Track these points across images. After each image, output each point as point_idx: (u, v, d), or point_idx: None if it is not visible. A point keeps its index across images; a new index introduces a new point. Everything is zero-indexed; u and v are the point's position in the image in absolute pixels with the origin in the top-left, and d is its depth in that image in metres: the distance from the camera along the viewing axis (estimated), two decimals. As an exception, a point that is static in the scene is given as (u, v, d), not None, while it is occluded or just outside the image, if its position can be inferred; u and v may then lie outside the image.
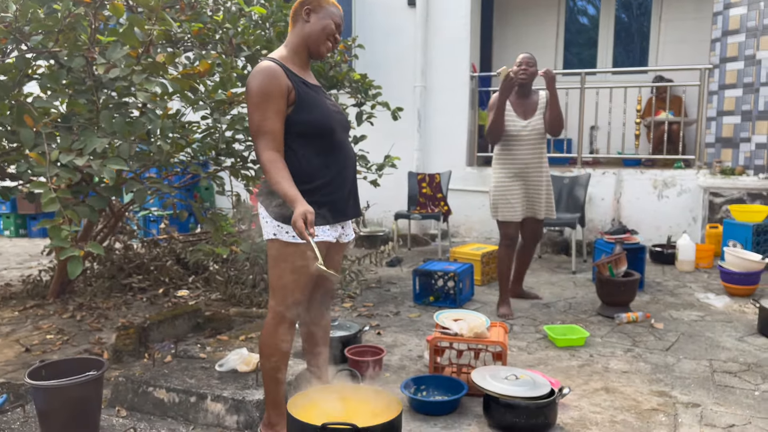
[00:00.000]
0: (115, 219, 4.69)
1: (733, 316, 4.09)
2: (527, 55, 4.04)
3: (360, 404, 1.98)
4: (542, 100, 4.06)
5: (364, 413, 1.93)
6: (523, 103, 4.06)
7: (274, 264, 2.26)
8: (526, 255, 4.39)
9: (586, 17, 8.49)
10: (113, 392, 2.74)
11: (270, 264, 2.29)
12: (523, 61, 4.00)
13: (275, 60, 2.20)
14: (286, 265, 2.23)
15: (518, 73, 3.96)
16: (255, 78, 2.15)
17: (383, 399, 2.00)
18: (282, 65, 2.19)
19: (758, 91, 5.87)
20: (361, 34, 7.12)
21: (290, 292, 2.24)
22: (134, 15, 2.56)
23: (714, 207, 5.89)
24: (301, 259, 2.21)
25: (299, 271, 2.23)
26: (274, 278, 2.27)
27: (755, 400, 2.83)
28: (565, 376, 3.12)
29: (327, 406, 1.90)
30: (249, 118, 2.18)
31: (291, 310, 2.26)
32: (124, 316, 4.08)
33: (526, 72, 3.97)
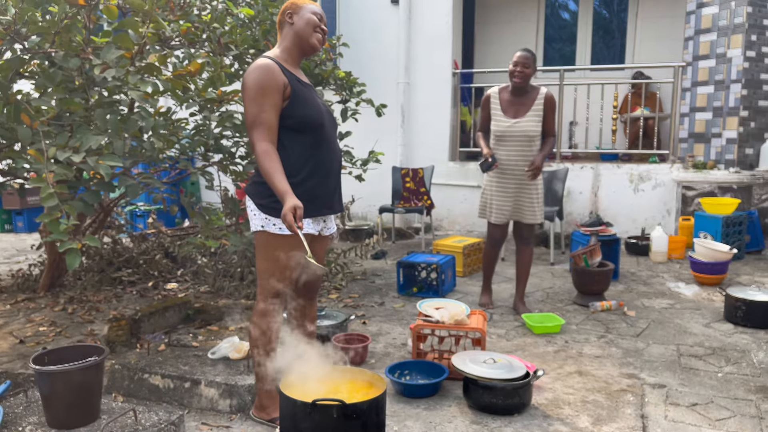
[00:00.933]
0: (104, 214, 4.78)
1: (702, 303, 4.30)
2: (524, 53, 3.83)
3: (347, 383, 2.12)
4: (539, 100, 3.88)
5: (351, 391, 2.07)
6: (516, 101, 3.90)
7: (262, 255, 2.40)
8: (520, 259, 4.15)
9: (565, 14, 8.67)
10: (110, 380, 2.86)
11: (257, 255, 2.42)
12: (519, 61, 3.81)
13: (271, 58, 2.35)
14: (272, 256, 2.37)
15: (513, 73, 3.84)
16: (252, 73, 2.28)
17: (368, 378, 2.15)
18: (278, 62, 2.33)
19: (729, 88, 6.09)
20: (345, 31, 7.24)
21: (277, 282, 2.38)
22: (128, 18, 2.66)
23: (687, 200, 6.11)
24: (287, 250, 2.35)
25: (285, 262, 2.37)
26: (261, 268, 2.41)
27: (718, 381, 3.02)
28: (542, 360, 3.29)
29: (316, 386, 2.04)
30: (245, 111, 2.30)
31: (277, 298, 2.40)
32: (115, 309, 4.17)
33: (522, 74, 3.83)
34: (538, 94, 3.92)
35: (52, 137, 2.72)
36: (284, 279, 2.39)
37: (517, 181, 3.95)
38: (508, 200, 3.98)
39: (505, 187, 3.97)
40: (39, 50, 2.88)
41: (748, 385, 2.96)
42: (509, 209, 4.01)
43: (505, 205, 3.99)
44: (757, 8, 5.97)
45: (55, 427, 2.16)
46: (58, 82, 2.98)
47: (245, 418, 2.61)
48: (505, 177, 3.96)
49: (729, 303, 3.89)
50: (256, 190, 2.39)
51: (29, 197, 7.57)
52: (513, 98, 3.93)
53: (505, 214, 4.01)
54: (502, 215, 4.01)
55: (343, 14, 7.36)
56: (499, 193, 3.99)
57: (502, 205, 3.99)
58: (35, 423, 2.21)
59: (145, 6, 2.60)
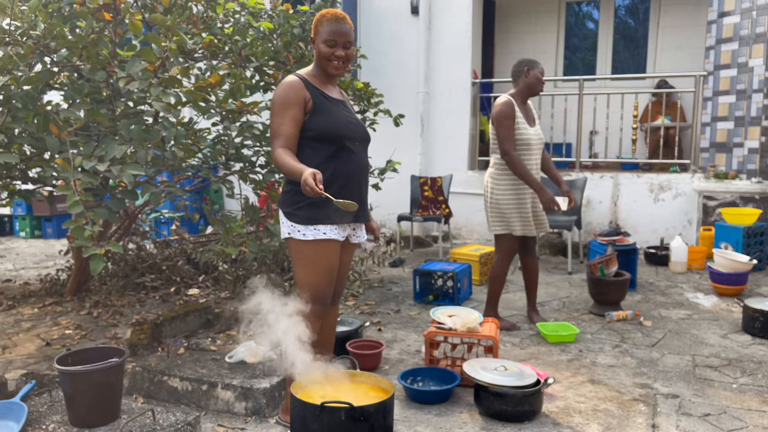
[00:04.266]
0: (129, 221, 4.91)
1: (720, 314, 4.26)
2: (542, 66, 3.93)
3: (356, 387, 2.18)
4: (534, 109, 4.01)
5: (360, 395, 2.12)
6: (526, 109, 3.91)
7: (295, 262, 2.52)
8: (531, 270, 4.08)
9: (586, 24, 8.67)
10: (130, 381, 2.96)
11: (293, 262, 2.55)
12: (543, 72, 3.91)
13: (299, 75, 2.51)
14: (303, 262, 2.48)
15: (541, 86, 3.88)
16: (278, 90, 2.46)
17: (378, 383, 2.20)
18: (304, 79, 2.48)
19: (750, 97, 6.04)
20: (366, 40, 7.34)
21: (313, 287, 2.47)
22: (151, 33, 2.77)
23: (708, 210, 6.06)
24: (314, 255, 2.43)
25: (315, 267, 2.45)
26: (297, 276, 2.53)
27: (732, 392, 3.00)
28: (555, 369, 3.31)
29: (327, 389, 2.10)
30: (270, 124, 2.46)
31: (315, 303, 2.48)
32: (138, 313, 4.29)
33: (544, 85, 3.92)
34: (530, 105, 4.00)
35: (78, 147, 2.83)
36: (318, 285, 2.47)
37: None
38: (531, 209, 3.85)
39: (528, 197, 3.81)
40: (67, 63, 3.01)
41: (763, 397, 2.94)
42: (534, 219, 3.90)
43: (531, 215, 3.85)
44: (779, 17, 5.91)
45: (77, 426, 2.26)
46: (85, 93, 3.11)
47: (260, 420, 2.68)
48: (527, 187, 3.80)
49: (747, 314, 3.86)
50: (284, 199, 2.53)
51: (58, 204, 7.79)
52: (522, 107, 3.90)
53: (532, 224, 3.86)
54: (531, 225, 3.85)
55: (363, 24, 7.46)
56: (533, 202, 3.83)
57: (529, 214, 3.83)
58: (58, 422, 2.31)
59: (168, 21, 2.71)
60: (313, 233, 2.42)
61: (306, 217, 2.42)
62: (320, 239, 2.43)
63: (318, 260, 2.45)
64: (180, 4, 3.35)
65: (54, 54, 3.14)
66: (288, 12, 4.27)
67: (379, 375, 2.32)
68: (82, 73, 3.13)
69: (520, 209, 3.81)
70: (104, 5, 2.82)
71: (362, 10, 7.47)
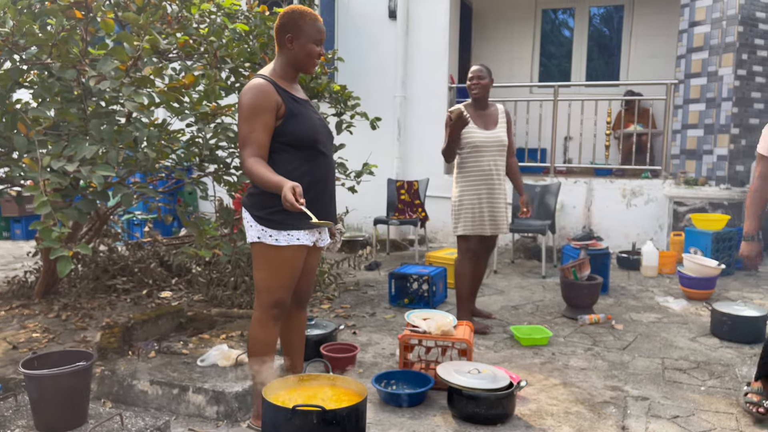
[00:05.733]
0: (100, 222, 4.83)
1: (689, 318, 4.34)
2: (479, 66, 3.96)
3: (329, 390, 2.17)
4: (501, 114, 4.02)
5: (334, 398, 2.11)
6: (482, 114, 3.97)
7: (259, 266, 2.45)
8: (481, 270, 4.20)
9: (561, 31, 8.79)
10: (99, 385, 2.90)
11: (255, 266, 2.48)
12: (475, 74, 3.92)
13: (266, 77, 2.40)
14: (269, 266, 2.43)
15: (470, 87, 3.92)
16: (247, 94, 2.33)
17: (351, 386, 2.19)
18: (272, 82, 2.38)
19: (720, 106, 6.18)
20: (343, 44, 7.34)
21: (274, 292, 2.44)
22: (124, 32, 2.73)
23: (678, 215, 6.17)
24: (283, 260, 2.41)
25: (282, 272, 2.42)
26: (259, 279, 2.46)
27: (700, 395, 3.06)
28: (528, 372, 3.33)
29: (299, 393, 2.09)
30: (238, 129, 2.36)
31: (276, 308, 2.46)
32: (109, 316, 4.21)
33: (479, 85, 3.91)
34: (497, 109, 4.05)
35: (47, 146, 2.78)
36: (281, 289, 2.45)
37: (494, 189, 3.92)
38: (487, 210, 3.92)
39: (485, 195, 3.91)
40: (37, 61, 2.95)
41: (730, 399, 3.00)
42: (489, 219, 3.94)
43: (486, 215, 3.91)
44: (748, 28, 6.06)
45: (42, 431, 2.21)
46: (55, 92, 3.05)
47: (231, 424, 2.65)
48: (483, 186, 3.91)
49: (715, 318, 3.93)
50: (252, 202, 2.44)
51: (27, 205, 7.62)
52: (477, 112, 3.97)
53: (487, 224, 3.92)
54: (486, 225, 3.92)
55: (341, 27, 7.46)
56: (487, 202, 3.91)
57: (483, 214, 3.91)
58: (24, 426, 2.25)
59: (140, 21, 2.67)
60: (287, 239, 2.39)
61: (280, 222, 2.37)
62: (293, 245, 2.40)
63: (285, 265, 2.41)
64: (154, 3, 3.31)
65: (23, 51, 3.08)
66: (264, 14, 4.25)
67: (353, 378, 2.32)
68: (52, 72, 3.07)
69: (472, 209, 3.92)
70: (75, 3, 2.77)
71: (340, 13, 7.47)
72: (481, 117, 3.97)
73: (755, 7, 6.08)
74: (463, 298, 4.05)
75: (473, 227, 3.93)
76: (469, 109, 3.97)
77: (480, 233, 3.95)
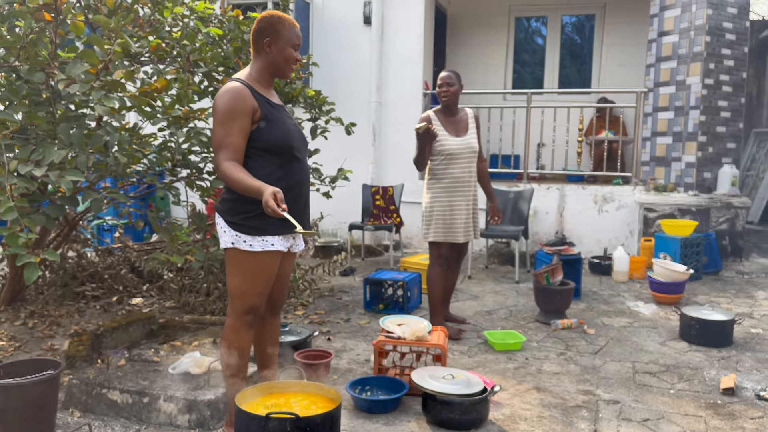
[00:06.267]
0: (69, 228, 4.73)
1: (659, 322, 4.42)
2: (448, 73, 3.94)
3: (303, 397, 2.15)
4: (471, 119, 4.03)
5: (307, 405, 2.10)
6: (453, 121, 3.98)
7: (232, 272, 2.42)
8: (454, 276, 4.23)
9: (534, 39, 8.90)
10: (67, 395, 2.84)
11: (228, 272, 2.45)
12: (444, 81, 3.91)
13: (242, 81, 2.38)
14: (243, 272, 2.40)
15: (440, 94, 3.91)
16: (222, 97, 2.32)
17: (324, 393, 2.18)
18: (248, 86, 2.37)
19: (688, 114, 6.32)
20: (318, 49, 7.33)
21: (248, 298, 2.41)
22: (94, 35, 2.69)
23: (648, 221, 6.28)
24: (258, 266, 2.39)
25: (256, 278, 2.40)
26: (232, 285, 2.44)
27: (670, 398, 3.11)
28: (501, 377, 3.35)
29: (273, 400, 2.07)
30: (213, 133, 2.33)
31: (249, 314, 2.43)
32: (77, 324, 4.13)
33: (448, 93, 3.90)
34: (467, 114, 4.07)
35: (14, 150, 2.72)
36: (255, 295, 2.42)
37: (467, 198, 3.96)
38: (461, 216, 3.94)
39: (459, 203, 3.93)
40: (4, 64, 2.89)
41: (699, 402, 3.06)
42: (463, 226, 3.97)
43: (459, 222, 3.94)
44: (715, 38, 6.22)
45: (7, 442, 2.15)
46: (23, 95, 2.99)
47: (204, 433, 2.62)
48: (457, 193, 3.94)
49: (684, 322, 4.01)
50: (226, 207, 2.42)
51: (-7, 210, 7.43)
52: (447, 119, 3.97)
53: (461, 231, 3.96)
54: (459, 232, 3.95)
55: (316, 32, 7.45)
56: (460, 209, 3.95)
57: (456, 221, 3.93)
58: (-13, 438, 2.20)
59: (111, 24, 2.63)
60: (261, 244, 2.37)
61: (254, 227, 2.35)
62: (267, 250, 2.38)
63: (260, 271, 2.39)
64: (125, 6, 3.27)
65: (-11, 54, 3.01)
66: (238, 18, 4.22)
67: (328, 385, 2.30)
68: (20, 74, 3.01)
69: (443, 216, 3.93)
70: (44, 5, 2.72)
71: (315, 18, 7.46)
72: (452, 124, 3.99)
73: (722, 18, 6.24)
74: (436, 303, 4.06)
75: (445, 234, 3.95)
76: (439, 116, 3.99)
77: (452, 240, 3.97)
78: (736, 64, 6.35)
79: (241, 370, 2.44)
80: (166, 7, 3.67)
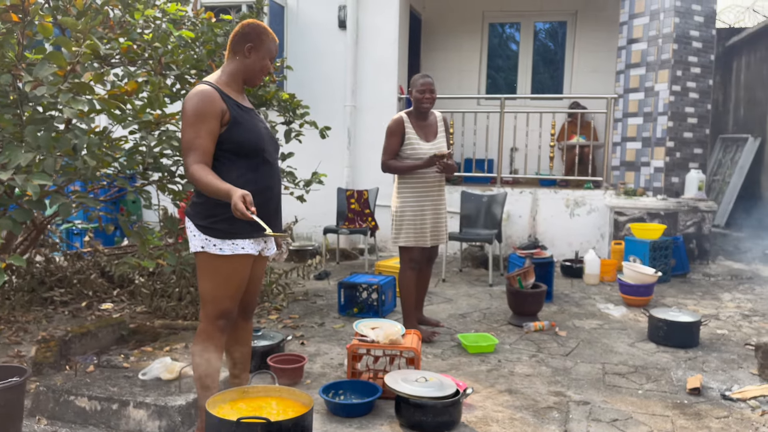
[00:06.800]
0: (36, 232, 4.64)
1: (628, 324, 4.50)
2: (428, 79, 3.93)
3: (275, 402, 2.15)
4: (440, 122, 4.06)
5: (279, 410, 2.09)
6: (423, 125, 4.00)
7: (204, 276, 2.41)
8: (425, 279, 4.25)
9: (508, 45, 9.00)
10: (33, 402, 2.78)
11: (199, 276, 2.43)
12: (427, 87, 3.90)
13: (211, 84, 2.39)
14: (214, 276, 2.38)
15: (422, 101, 3.92)
16: (191, 100, 2.32)
17: (296, 397, 2.17)
18: (217, 89, 2.38)
19: (656, 120, 6.45)
20: (292, 52, 7.31)
21: (220, 302, 2.40)
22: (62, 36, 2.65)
23: (618, 225, 6.39)
24: (229, 270, 2.37)
25: (228, 282, 2.39)
26: (204, 290, 2.42)
27: (638, 398, 3.17)
28: (474, 379, 3.38)
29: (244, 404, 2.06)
30: (182, 135, 2.33)
31: (222, 319, 2.42)
32: (45, 330, 4.04)
33: (431, 99, 3.93)
34: (436, 117, 4.09)
35: (-21, 153, 2.66)
36: (227, 299, 2.41)
37: (437, 202, 4.01)
38: (429, 221, 3.98)
39: (427, 207, 3.97)
40: (-31, 65, 2.83)
41: (666, 402, 3.12)
42: (431, 230, 4.00)
43: (428, 227, 3.97)
44: (682, 45, 6.36)
45: (-30, 452, 2.10)
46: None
47: (174, 439, 2.59)
48: (427, 197, 3.97)
49: (652, 323, 4.09)
50: (195, 211, 2.40)
51: (-42, 213, 7.25)
52: (419, 122, 4.00)
53: (428, 235, 3.99)
54: (427, 237, 3.98)
55: (290, 36, 7.43)
56: (431, 213, 3.98)
57: (425, 226, 3.96)
58: (-50, 447, 2.14)
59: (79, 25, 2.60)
60: (231, 248, 2.36)
61: (224, 231, 2.35)
62: (237, 254, 2.38)
63: (231, 275, 2.38)
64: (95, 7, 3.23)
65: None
66: (211, 21, 4.20)
67: (301, 389, 2.30)
68: (-15, 76, 2.95)
69: (414, 220, 3.96)
70: (11, 6, 2.67)
71: (289, 22, 7.45)
72: (423, 128, 4.01)
73: (689, 26, 6.39)
74: (409, 307, 4.07)
75: (416, 239, 3.98)
76: (411, 118, 4.01)
77: (422, 245, 4.00)
78: (703, 71, 6.50)
79: (212, 376, 2.43)
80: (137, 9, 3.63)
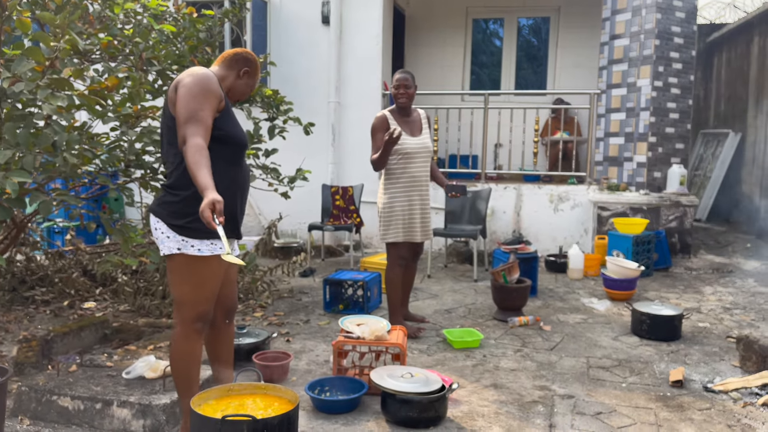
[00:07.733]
0: (17, 230, 4.57)
1: (612, 318, 4.54)
2: (403, 75, 3.93)
3: (260, 399, 2.13)
4: (424, 119, 4.08)
5: (264, 407, 2.08)
6: (408, 121, 4.00)
7: (179, 279, 2.35)
8: (411, 275, 4.26)
9: (492, 41, 9.02)
10: (16, 402, 2.75)
11: (173, 280, 2.36)
12: (401, 83, 3.90)
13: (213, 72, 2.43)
14: (191, 279, 2.33)
15: (397, 96, 3.92)
16: (196, 75, 2.28)
17: (282, 394, 2.16)
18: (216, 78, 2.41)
19: (639, 115, 6.50)
20: (276, 48, 7.26)
21: (198, 305, 2.36)
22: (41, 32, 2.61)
23: (602, 220, 6.44)
24: (208, 271, 2.34)
25: (205, 284, 2.36)
26: (180, 293, 2.36)
27: (622, 391, 3.20)
28: (460, 374, 3.39)
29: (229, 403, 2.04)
30: (183, 105, 2.19)
31: (199, 322, 2.39)
32: (26, 329, 3.99)
33: (406, 95, 3.92)
34: (419, 114, 4.10)
35: (-44, 150, 2.61)
36: (204, 301, 2.38)
37: (422, 197, 4.01)
38: (417, 216, 3.98)
39: (415, 202, 3.97)
40: (-55, 60, 2.77)
41: (649, 395, 3.15)
42: (419, 226, 4.00)
43: (417, 222, 3.99)
44: (664, 41, 6.42)
45: (-50, 454, 2.07)
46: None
47: (159, 438, 2.57)
48: (414, 192, 3.97)
49: (635, 317, 4.13)
50: (169, 211, 2.31)
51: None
52: (403, 119, 4.00)
53: (418, 231, 3.99)
54: (417, 232, 3.98)
55: (273, 31, 7.39)
56: (418, 209, 3.98)
57: (413, 221, 3.97)
58: (-72, 450, 2.11)
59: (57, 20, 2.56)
60: (210, 248, 2.32)
61: (203, 230, 2.25)
62: (216, 254, 2.32)
63: (210, 276, 2.34)
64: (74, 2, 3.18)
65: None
66: (193, 16, 4.15)
67: (287, 386, 2.29)
68: (-38, 72, 2.89)
69: (402, 216, 3.96)
70: (-12, 0, 2.62)
71: (272, 17, 7.40)
72: (407, 124, 4.01)
73: (671, 22, 6.45)
74: (395, 304, 4.07)
75: (404, 234, 3.98)
76: (395, 116, 4.00)
77: (411, 240, 4.00)
78: (684, 67, 6.57)
79: (192, 379, 2.41)
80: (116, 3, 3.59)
